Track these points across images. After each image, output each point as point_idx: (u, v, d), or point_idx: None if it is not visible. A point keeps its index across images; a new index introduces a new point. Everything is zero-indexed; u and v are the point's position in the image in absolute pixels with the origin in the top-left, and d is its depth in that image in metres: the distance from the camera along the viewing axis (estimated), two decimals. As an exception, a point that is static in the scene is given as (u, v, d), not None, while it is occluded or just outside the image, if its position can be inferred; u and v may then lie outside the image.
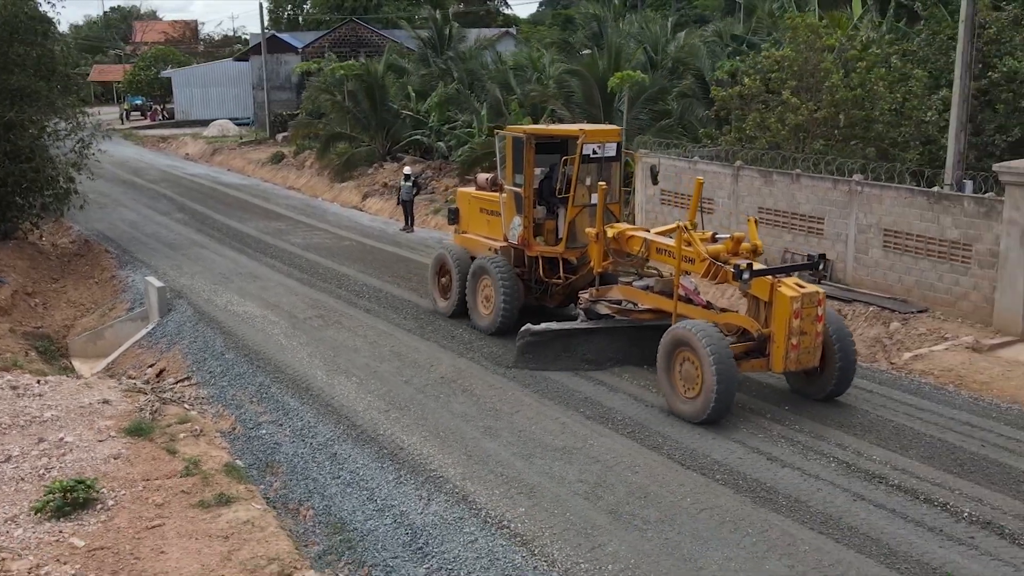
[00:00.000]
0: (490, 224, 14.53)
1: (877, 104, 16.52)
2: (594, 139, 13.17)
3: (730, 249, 11.14)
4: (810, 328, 10.39)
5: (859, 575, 7.33)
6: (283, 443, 10.79)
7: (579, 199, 13.26)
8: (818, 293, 10.49)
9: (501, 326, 13.63)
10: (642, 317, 12.51)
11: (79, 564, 8.32)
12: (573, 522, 8.26)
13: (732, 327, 11.03)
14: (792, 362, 10.42)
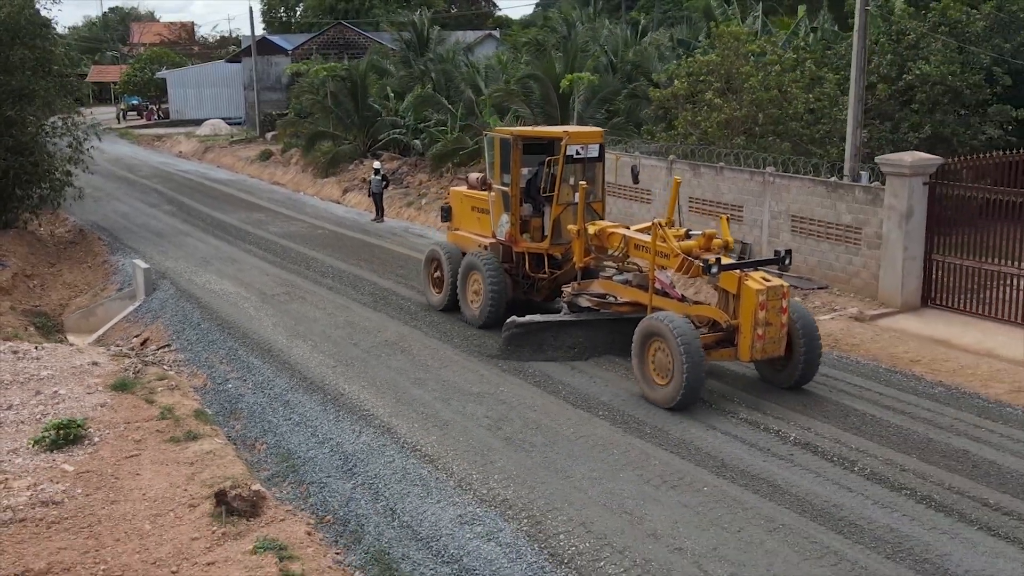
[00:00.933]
0: (481, 221, 15.11)
1: (792, 104, 18.32)
2: (577, 140, 13.80)
3: (702, 245, 11.79)
4: (775, 319, 10.95)
5: (693, 477, 9.16)
6: (245, 394, 12.59)
7: (563, 198, 13.86)
8: (783, 287, 11.04)
9: (489, 319, 14.14)
10: (621, 310, 13.05)
11: (69, 483, 10.10)
12: (473, 446, 10.09)
13: (703, 318, 11.65)
14: (758, 351, 11.00)
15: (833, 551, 7.82)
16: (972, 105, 20.27)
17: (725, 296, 11.37)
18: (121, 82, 65.09)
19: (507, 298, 14.29)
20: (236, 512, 9.19)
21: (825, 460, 9.64)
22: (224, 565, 8.30)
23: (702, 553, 7.82)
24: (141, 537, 8.87)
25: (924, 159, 14.85)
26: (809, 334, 11.31)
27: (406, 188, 28.83)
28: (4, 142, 21.38)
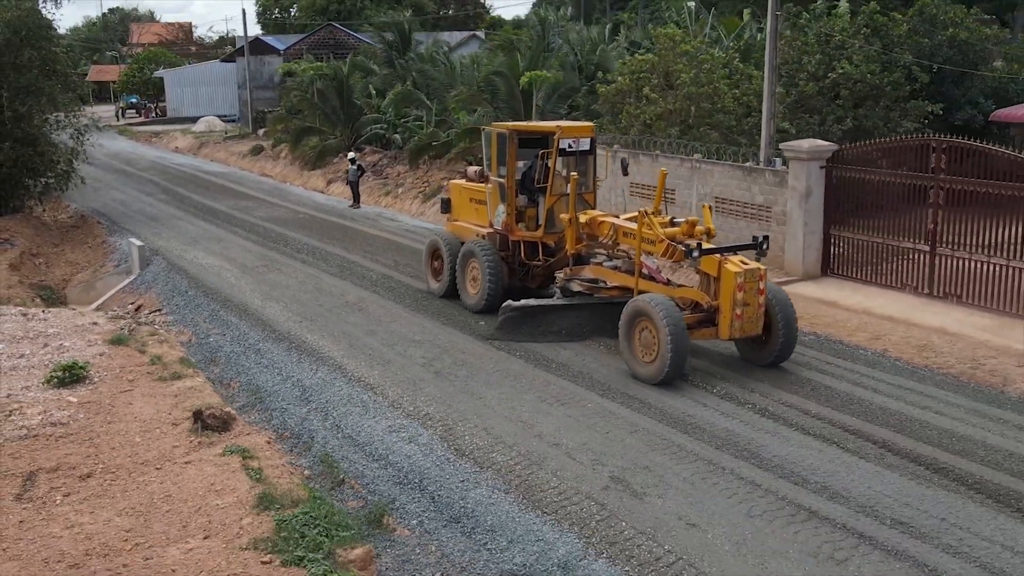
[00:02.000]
0: (479, 212, 15.76)
1: (721, 99, 20.40)
2: (569, 135, 14.46)
3: (685, 232, 12.43)
4: (752, 300, 11.60)
5: (581, 397, 11.26)
6: (224, 345, 14.67)
7: (556, 189, 14.49)
8: (759, 269, 11.71)
9: (487, 304, 14.77)
10: (611, 294, 13.74)
11: (73, 409, 12.17)
12: (408, 377, 12.20)
13: (687, 300, 12.30)
14: (737, 330, 11.65)
15: (678, 445, 9.91)
16: (892, 100, 22.34)
17: (707, 279, 12.05)
18: (120, 81, 67.14)
19: (504, 284, 14.88)
20: (210, 428, 11.25)
21: (690, 385, 11.75)
22: (199, 463, 10.37)
23: (573, 447, 9.92)
24: (132, 446, 10.93)
25: (820, 145, 16.94)
26: (786, 315, 11.96)
27: (385, 179, 30.91)
28: (13, 134, 23.43)
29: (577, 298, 13.98)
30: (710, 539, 8.00)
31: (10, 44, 23.72)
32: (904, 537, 7.96)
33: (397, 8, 63.45)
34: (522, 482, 9.22)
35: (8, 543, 8.63)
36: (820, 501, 8.62)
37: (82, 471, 10.26)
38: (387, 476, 9.85)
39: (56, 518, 9.21)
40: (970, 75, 23.68)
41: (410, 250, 20.44)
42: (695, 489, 8.92)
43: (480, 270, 14.91)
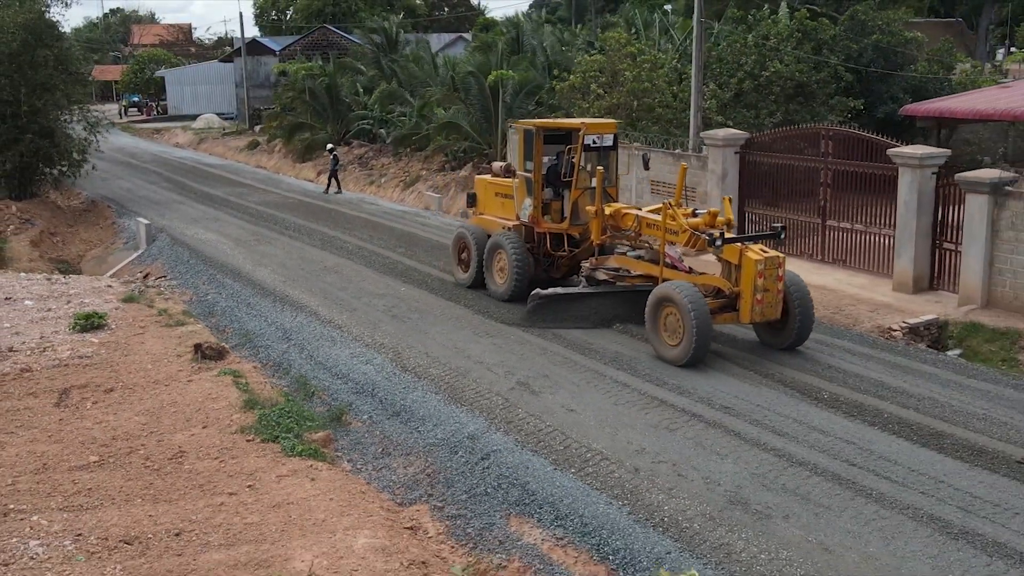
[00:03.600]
0: (504, 206, 16.37)
1: (661, 94, 23.10)
2: (593, 131, 15.05)
3: (707, 222, 13.02)
4: (772, 286, 12.17)
5: (507, 333, 13.95)
6: (220, 301, 17.33)
7: (581, 183, 15.15)
8: (779, 257, 12.28)
9: (514, 293, 15.45)
10: (634, 282, 14.37)
11: (95, 347, 14.83)
12: (369, 320, 14.90)
13: (709, 287, 12.88)
14: (757, 315, 12.25)
15: (574, 362, 12.62)
16: (820, 97, 25.02)
17: (728, 266, 12.67)
18: (122, 81, 69.78)
19: (530, 274, 15.51)
20: (207, 357, 13.95)
21: (601, 325, 14.44)
22: (198, 381, 13.06)
23: (492, 363, 12.64)
24: (145, 371, 13.62)
25: (734, 134, 19.64)
26: (803, 300, 12.57)
27: (370, 170, 33.62)
28: (31, 127, 26.08)
29: (602, 286, 14.57)
30: (581, 418, 10.70)
31: (26, 44, 26.33)
32: (727, 416, 10.66)
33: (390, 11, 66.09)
34: (448, 386, 11.93)
35: (52, 433, 11.33)
36: (672, 395, 11.34)
37: (106, 387, 12.95)
38: (347, 388, 12.54)
39: (87, 417, 11.91)
40: (892, 74, 26.36)
41: (385, 228, 23.20)
42: (579, 389, 11.64)
43: (507, 261, 15.52)
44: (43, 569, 8.20)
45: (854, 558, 7.68)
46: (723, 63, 25.51)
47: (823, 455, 9.59)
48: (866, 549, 7.80)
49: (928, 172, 15.72)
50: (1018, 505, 8.44)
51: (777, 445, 9.85)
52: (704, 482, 9.07)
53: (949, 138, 28.11)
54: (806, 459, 9.50)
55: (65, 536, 8.79)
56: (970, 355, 13.42)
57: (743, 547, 7.88)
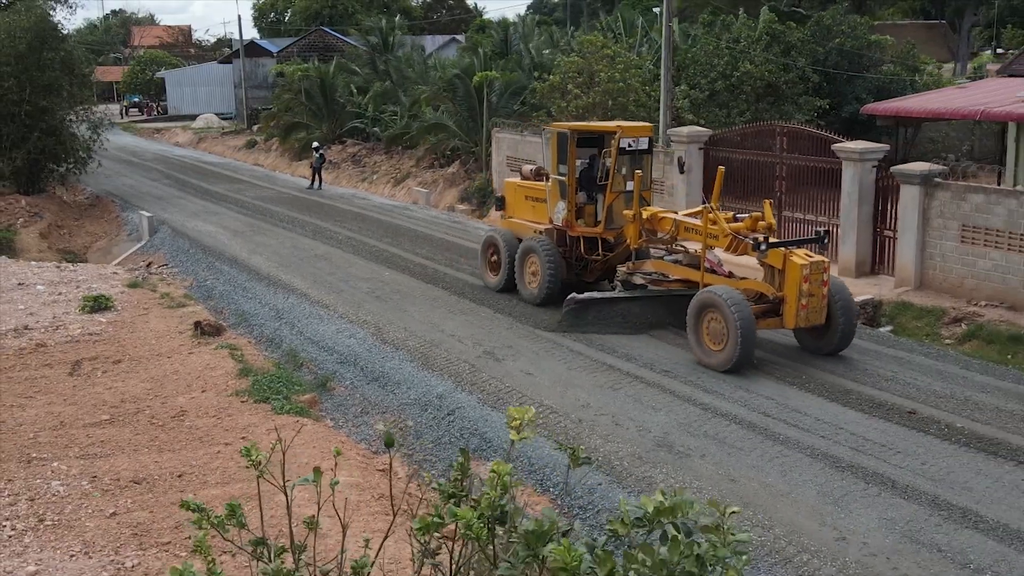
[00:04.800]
0: (535, 209, 16.22)
1: (636, 94, 24.49)
2: (629, 134, 14.92)
3: (749, 226, 12.84)
4: (817, 291, 12.02)
5: (478, 311, 15.33)
6: (217, 286, 18.71)
7: (616, 186, 15.04)
8: (823, 262, 12.18)
9: (547, 297, 15.33)
10: (672, 286, 14.18)
11: (104, 326, 16.21)
12: (354, 301, 16.29)
13: (751, 292, 12.60)
14: (802, 320, 12.09)
15: (536, 335, 14.00)
16: (789, 97, 26.40)
17: (771, 271, 12.51)
18: (123, 81, 71.16)
19: (562, 278, 15.42)
20: (206, 333, 15.32)
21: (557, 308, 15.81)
22: (198, 354, 14.43)
23: (463, 336, 14.04)
24: (149, 345, 14.99)
25: (697, 131, 21.02)
26: (846, 305, 12.46)
27: (363, 167, 35.00)
28: (38, 126, 27.44)
29: (638, 291, 14.42)
30: (537, 380, 12.10)
31: (32, 47, 27.69)
32: (665, 377, 12.05)
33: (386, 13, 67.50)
34: (422, 355, 13.32)
35: (67, 397, 12.70)
36: (619, 361, 12.73)
37: (114, 359, 14.33)
38: (332, 359, 13.92)
39: (98, 384, 13.29)
40: (858, 75, 27.76)
41: (373, 220, 24.61)
42: (538, 357, 13.04)
43: (540, 265, 15.38)
44: (64, 503, 9.58)
45: (754, 486, 9.06)
46: (698, 64, 26.89)
47: (744, 408, 10.97)
48: (765, 479, 9.18)
49: (868, 165, 17.10)
50: (901, 446, 9.83)
51: (705, 400, 11.24)
52: (637, 430, 10.45)
53: (915, 137, 29.56)
54: (729, 411, 10.89)
55: (82, 478, 10.17)
56: (899, 331, 14.79)
57: (662, 479, 9.26)
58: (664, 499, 3.80)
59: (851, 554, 7.80)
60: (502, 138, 27.44)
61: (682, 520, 3.87)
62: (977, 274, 15.29)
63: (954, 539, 7.98)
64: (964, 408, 10.86)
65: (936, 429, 10.28)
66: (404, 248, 20.75)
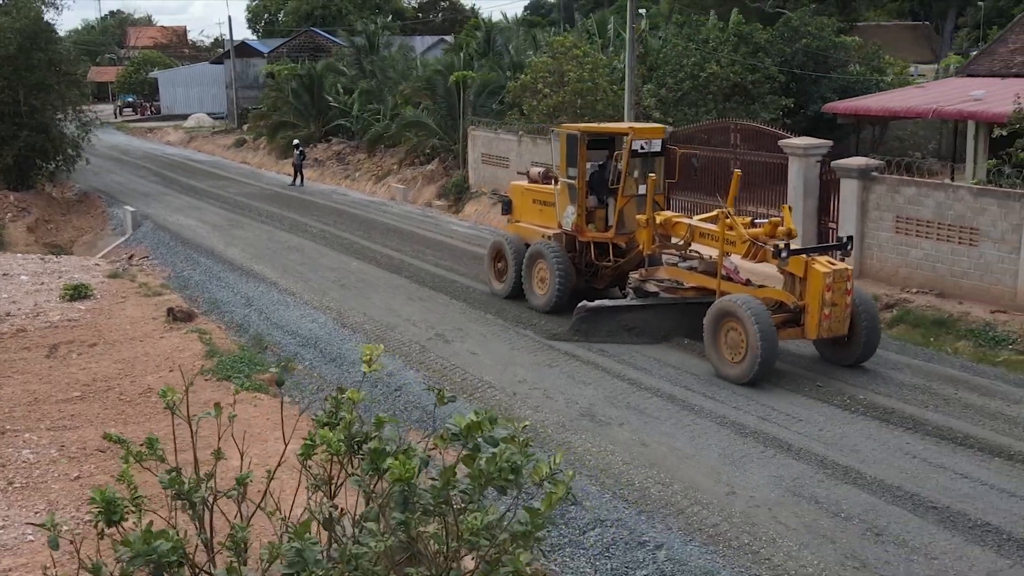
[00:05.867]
0: (543, 213, 15.81)
1: (604, 93, 25.33)
2: (642, 136, 14.45)
3: (768, 232, 12.25)
4: (840, 300, 11.54)
5: (435, 298, 16.15)
6: (194, 276, 19.52)
7: (628, 190, 14.57)
8: (847, 270, 11.69)
9: (556, 304, 14.79)
10: (687, 294, 13.68)
11: (82, 312, 17.03)
12: (320, 289, 17.12)
13: (770, 300, 12.10)
14: (824, 330, 11.57)
15: (487, 319, 14.82)
16: (755, 96, 27.22)
17: (792, 279, 11.99)
18: (117, 82, 71.98)
19: (572, 285, 14.91)
20: (178, 319, 16.14)
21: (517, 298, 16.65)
22: (169, 338, 15.25)
23: (418, 320, 14.88)
24: (124, 330, 15.80)
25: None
26: (869, 314, 11.97)
27: (346, 165, 35.82)
28: (28, 124, 28.27)
29: (652, 298, 13.95)
30: (481, 359, 12.93)
31: (22, 48, 28.51)
32: (599, 356, 12.88)
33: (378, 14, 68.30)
34: (378, 338, 14.15)
35: (42, 376, 13.51)
36: (555, 343, 13.55)
37: (89, 342, 15.14)
38: (295, 342, 14.74)
39: (72, 365, 14.11)
40: (825, 76, 28.58)
41: (349, 215, 25.47)
42: (485, 339, 13.88)
43: (548, 271, 14.95)
44: (32, 468, 10.40)
45: (663, 450, 9.88)
46: (668, 65, 27.72)
47: (667, 383, 11.80)
48: (674, 444, 10.01)
49: (813, 160, 17.92)
50: (804, 415, 10.66)
51: (633, 376, 12.07)
52: (565, 402, 11.28)
53: (882, 135, 30.41)
54: (653, 386, 11.72)
55: (51, 447, 10.99)
56: (835, 316, 15.60)
57: (580, 443, 10.08)
58: (476, 417, 4.68)
59: (737, 506, 8.62)
60: (477, 136, 28.26)
61: (489, 434, 4.76)
62: (910, 263, 16.12)
63: (832, 493, 8.81)
64: (870, 383, 11.69)
65: (839, 400, 11.11)
66: (374, 241, 21.58)
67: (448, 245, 21.11)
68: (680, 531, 8.25)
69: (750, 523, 8.31)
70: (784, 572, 7.57)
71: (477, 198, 26.84)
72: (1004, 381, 11.95)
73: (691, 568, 7.71)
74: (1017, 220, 14.57)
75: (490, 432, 4.67)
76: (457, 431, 4.70)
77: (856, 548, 7.86)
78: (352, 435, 5.03)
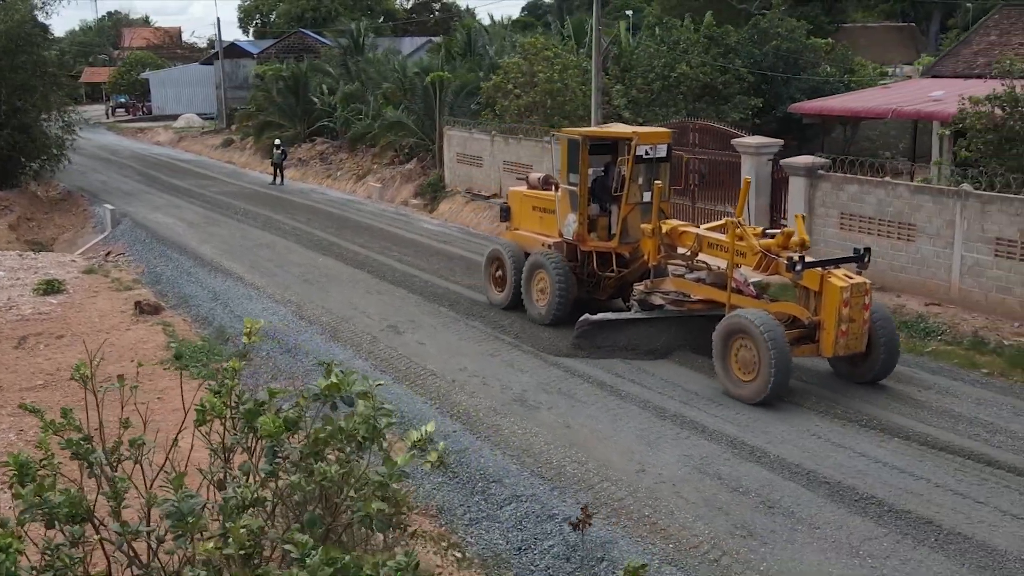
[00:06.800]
0: (543, 221, 15.20)
1: (573, 94, 25.87)
2: (646, 141, 13.84)
3: (781, 243, 11.68)
4: (858, 316, 11.02)
5: (392, 291, 16.70)
6: (166, 272, 20.05)
7: (632, 197, 13.94)
8: (865, 283, 11.13)
9: (556, 317, 14.19)
10: (694, 308, 13.05)
11: (54, 307, 17.57)
12: (284, 283, 17.68)
13: (783, 315, 11.54)
14: (841, 347, 11.06)
15: (440, 311, 15.37)
16: (725, 97, 27.76)
17: (806, 293, 11.47)
18: (109, 82, 72.54)
19: (573, 296, 14.37)
20: (145, 312, 16.68)
21: (469, 287, 17.19)
22: (135, 330, 15.79)
23: (373, 312, 15.44)
24: (92, 323, 16.35)
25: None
26: (887, 329, 11.44)
27: (329, 164, 36.36)
28: (12, 123, 28.81)
29: (657, 312, 13.36)
30: (428, 349, 13.49)
31: (7, 50, 29.06)
32: (536, 345, 13.42)
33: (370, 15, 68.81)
34: (332, 329, 14.71)
35: (8, 366, 14.05)
36: (505, 336, 14.10)
37: (58, 334, 15.69)
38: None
39: (39, 356, 14.66)
40: (795, 76, 29.12)
41: (323, 213, 26.06)
42: (435, 330, 14.43)
43: (549, 282, 14.38)
44: (-10, 450, 10.91)
45: (585, 432, 10.43)
46: (640, 66, 28.27)
47: (600, 370, 12.35)
48: (596, 426, 10.56)
49: (764, 159, 18.47)
50: (724, 400, 11.22)
51: (569, 364, 12.63)
52: (500, 389, 11.83)
53: (853, 135, 30.96)
54: (586, 373, 12.26)
55: (10, 431, 11.55)
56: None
57: (507, 426, 10.63)
58: (334, 377, 5.25)
59: (644, 482, 9.16)
60: (452, 135, 28.80)
61: (347, 394, 5.32)
62: (853, 258, 16.66)
63: (735, 470, 9.35)
64: (796, 372, 12.20)
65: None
66: (344, 238, 22.12)
67: (415, 242, 21.66)
68: (588, 506, 8.78)
69: (653, 498, 8.85)
70: (676, 541, 8.11)
71: (451, 197, 27.37)
72: (924, 369, 12.49)
73: (593, 538, 8.24)
74: (950, 216, 15.12)
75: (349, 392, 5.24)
76: (318, 391, 5.27)
77: (747, 519, 8.40)
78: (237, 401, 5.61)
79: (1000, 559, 7.70)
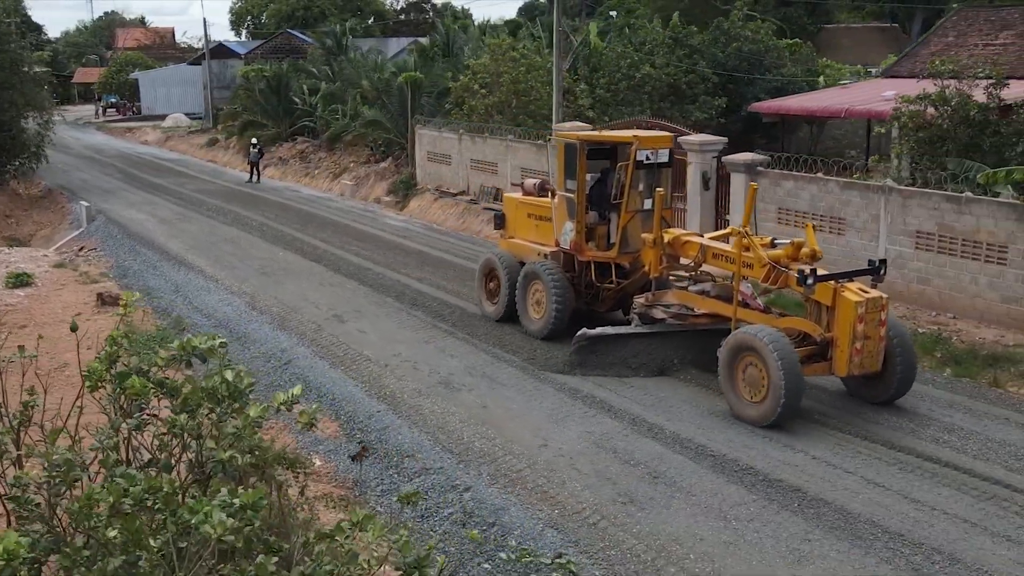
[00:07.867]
0: (539, 229, 14.55)
1: (538, 93, 26.51)
2: (647, 145, 13.15)
3: (790, 254, 11.10)
4: (874, 333, 10.43)
5: (345, 284, 17.34)
6: (133, 266, 20.68)
7: (632, 205, 13.27)
8: (882, 298, 10.51)
9: (553, 330, 13.60)
10: (698, 321, 12.44)
11: (20, 299, 18.19)
12: (241, 276, 18.32)
13: (793, 331, 10.96)
14: (856, 366, 10.46)
15: (386, 301, 16.00)
16: (688, 97, 28.40)
17: (817, 308, 10.86)
18: (99, 83, 73.17)
19: (571, 308, 13.74)
20: (107, 303, 17.29)
21: (419, 278, 17.83)
22: (95, 320, 16.40)
23: (321, 303, 16.10)
24: (55, 314, 16.95)
25: (579, 125, 22.97)
26: (904, 348, 10.84)
27: (308, 163, 37.00)
28: (-8, 122, 29.54)
29: (659, 326, 12.62)
30: (367, 337, 14.13)
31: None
32: (469, 333, 14.05)
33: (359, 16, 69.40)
34: (280, 319, 15.35)
35: (-29, 354, 14.65)
36: (444, 324, 14.74)
37: (20, 323, 16.30)
38: (210, 323, 15.91)
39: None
40: (759, 77, 29.77)
41: (293, 209, 26.74)
42: (378, 319, 15.10)
43: (545, 293, 13.72)
44: (-57, 430, 11.53)
45: (499, 411, 11.08)
46: (606, 66, 28.90)
47: (526, 360, 12.97)
48: (510, 406, 11.20)
49: (709, 156, 19.10)
50: (636, 382, 11.89)
51: (498, 352, 13.26)
52: (429, 373, 12.47)
53: (819, 134, 31.62)
54: (513, 360, 12.89)
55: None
56: (716, 301, 16.75)
57: (428, 407, 11.27)
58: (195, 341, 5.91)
59: (544, 456, 9.81)
60: (423, 134, 29.44)
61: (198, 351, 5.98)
62: (788, 251, 17.27)
63: (631, 445, 9.99)
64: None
65: (673, 371, 12.27)
66: (307, 233, 22.77)
67: (376, 238, 22.31)
68: (488, 476, 9.43)
69: (550, 469, 9.49)
70: (562, 507, 8.75)
71: (421, 194, 28.01)
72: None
73: (488, 505, 8.88)
74: (875, 211, 15.77)
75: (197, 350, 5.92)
76: (176, 353, 5.93)
77: (631, 488, 9.04)
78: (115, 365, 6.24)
79: (853, 520, 8.35)
